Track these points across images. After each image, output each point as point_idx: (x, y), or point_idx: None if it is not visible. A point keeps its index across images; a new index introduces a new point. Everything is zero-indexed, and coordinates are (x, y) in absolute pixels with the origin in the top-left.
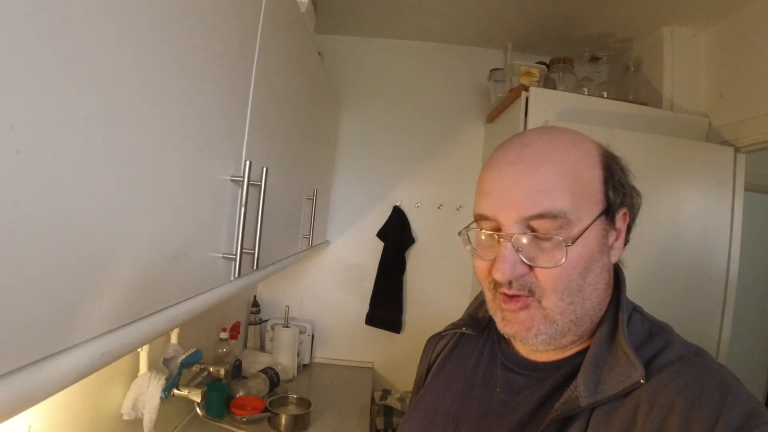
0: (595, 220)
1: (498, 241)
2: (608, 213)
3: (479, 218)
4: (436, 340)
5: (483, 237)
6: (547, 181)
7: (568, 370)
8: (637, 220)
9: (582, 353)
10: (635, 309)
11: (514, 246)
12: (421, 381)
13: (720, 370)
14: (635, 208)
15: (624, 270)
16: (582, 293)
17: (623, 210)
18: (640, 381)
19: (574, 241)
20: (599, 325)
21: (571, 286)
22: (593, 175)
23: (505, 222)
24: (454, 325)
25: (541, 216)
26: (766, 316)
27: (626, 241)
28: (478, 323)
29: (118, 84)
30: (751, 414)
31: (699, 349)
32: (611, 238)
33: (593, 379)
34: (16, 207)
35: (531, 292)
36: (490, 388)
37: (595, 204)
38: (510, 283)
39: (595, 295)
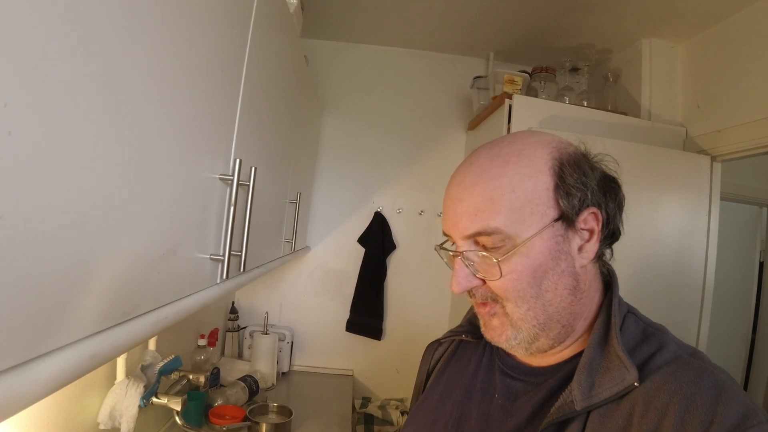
0: (543, 229)
1: (453, 257)
2: (564, 218)
3: (444, 234)
4: (435, 347)
5: (443, 253)
6: (481, 200)
7: (564, 374)
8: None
9: (578, 357)
10: (630, 311)
11: (463, 261)
12: (420, 387)
13: (715, 371)
14: (612, 203)
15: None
16: (539, 299)
17: (590, 210)
18: (633, 384)
19: (504, 255)
20: (592, 328)
21: (524, 295)
22: (538, 185)
23: (455, 239)
24: (453, 332)
25: (478, 234)
26: (740, 321)
27: (614, 237)
28: (477, 330)
29: (112, 77)
30: (746, 415)
31: (694, 350)
32: (576, 242)
33: (587, 383)
34: (3, 193)
35: (495, 301)
36: (489, 394)
37: (541, 214)
38: (474, 294)
39: (557, 301)
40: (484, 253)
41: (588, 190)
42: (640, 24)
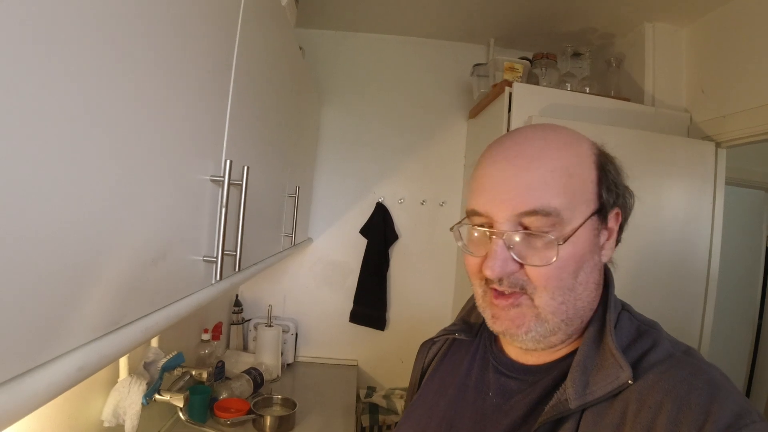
0: (587, 219)
1: (490, 238)
2: (601, 213)
3: (471, 214)
4: (428, 346)
5: (476, 234)
6: (542, 178)
7: (558, 372)
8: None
9: (572, 355)
10: (624, 308)
11: (505, 243)
12: (414, 386)
13: (709, 369)
14: (628, 209)
15: (613, 268)
16: (574, 292)
17: (615, 210)
18: (627, 382)
19: (565, 240)
20: (588, 325)
21: (563, 285)
22: (587, 175)
23: (497, 219)
24: (447, 331)
25: (534, 212)
26: (746, 307)
27: (618, 241)
28: (470, 328)
29: (93, 79)
30: (740, 414)
31: (687, 347)
32: (603, 238)
33: (582, 381)
34: None
35: (523, 290)
36: (483, 393)
37: (587, 203)
38: (501, 281)
39: (586, 295)
40: (540, 234)
41: (620, 190)
42: (643, 8)
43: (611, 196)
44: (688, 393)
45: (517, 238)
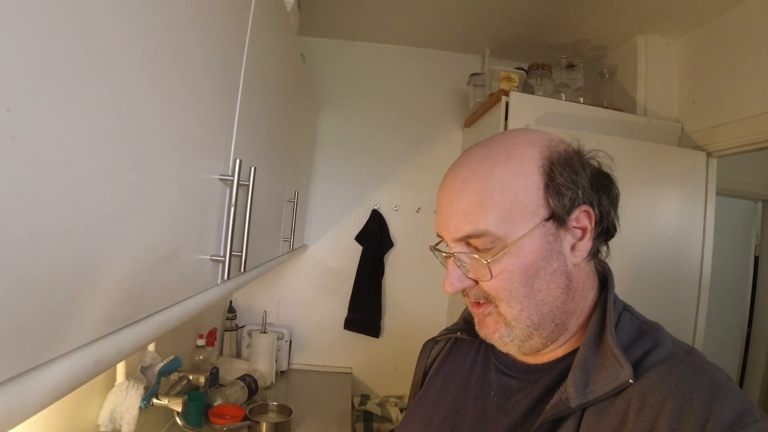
0: (533, 228)
1: (447, 258)
2: (555, 218)
3: (438, 236)
4: (431, 345)
5: (436, 254)
6: (471, 202)
7: (559, 371)
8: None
9: (573, 354)
10: (625, 309)
11: (456, 262)
12: (417, 386)
13: (711, 369)
14: (608, 199)
15: (610, 264)
16: (532, 299)
17: (582, 208)
18: (628, 381)
19: (494, 257)
20: (587, 326)
21: (516, 294)
22: (528, 185)
23: (447, 241)
24: (449, 330)
25: (468, 236)
26: (736, 315)
27: (610, 234)
28: (472, 327)
29: (111, 80)
30: (742, 413)
31: (690, 347)
32: (569, 241)
33: (582, 380)
34: (8, 198)
35: (488, 301)
36: (484, 392)
37: (531, 213)
38: (467, 294)
39: (550, 300)
40: (475, 255)
41: (579, 189)
42: (636, 20)
43: (564, 198)
44: (690, 392)
45: (464, 257)
